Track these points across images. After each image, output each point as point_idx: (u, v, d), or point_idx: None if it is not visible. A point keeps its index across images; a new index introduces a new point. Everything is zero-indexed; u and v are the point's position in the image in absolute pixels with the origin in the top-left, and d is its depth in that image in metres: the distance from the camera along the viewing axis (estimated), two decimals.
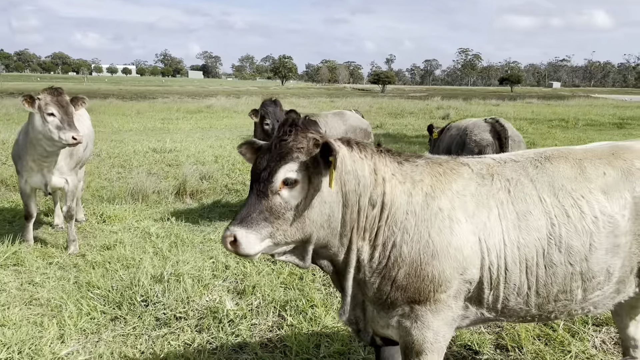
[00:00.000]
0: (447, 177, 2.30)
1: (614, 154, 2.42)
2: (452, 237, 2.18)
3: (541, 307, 2.34)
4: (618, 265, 2.29)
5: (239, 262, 5.10)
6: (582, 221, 2.24)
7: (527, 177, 2.32)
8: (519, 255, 2.22)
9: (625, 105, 38.67)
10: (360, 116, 7.80)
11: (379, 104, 34.21)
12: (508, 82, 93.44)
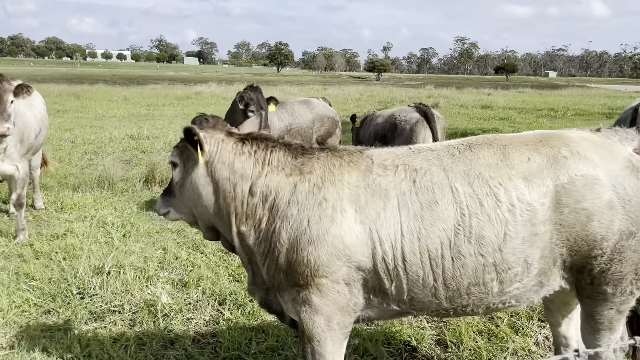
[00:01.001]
0: (341, 169, 2.32)
1: (542, 140, 2.31)
2: (332, 225, 2.20)
3: (453, 300, 2.26)
4: (537, 255, 2.19)
5: (190, 254, 4.98)
6: (497, 210, 2.15)
7: (439, 166, 2.26)
8: (420, 247, 2.17)
9: (618, 95, 38.56)
10: (328, 104, 7.62)
11: (370, 92, 33.97)
12: (504, 71, 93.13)
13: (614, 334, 2.35)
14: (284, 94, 31.22)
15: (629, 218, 2.16)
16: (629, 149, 2.33)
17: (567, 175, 2.17)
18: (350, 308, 2.30)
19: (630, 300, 2.30)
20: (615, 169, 2.19)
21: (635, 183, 2.19)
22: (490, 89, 43.46)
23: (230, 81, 52.05)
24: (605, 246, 2.18)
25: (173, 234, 5.62)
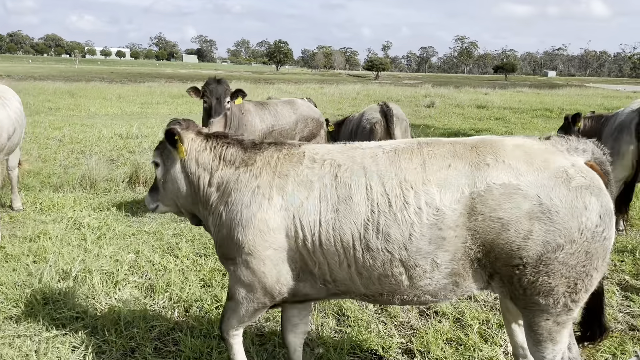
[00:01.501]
0: (277, 161, 2.58)
1: (474, 147, 2.33)
2: (259, 210, 2.48)
3: (368, 287, 2.44)
4: (447, 257, 2.25)
5: (164, 257, 4.90)
6: (404, 211, 2.25)
7: (361, 164, 2.40)
8: (334, 236, 2.35)
9: (616, 95, 38.44)
10: (312, 105, 7.53)
11: (367, 91, 33.82)
12: (502, 70, 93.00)
13: (557, 345, 2.32)
14: (280, 92, 31.12)
15: (555, 230, 2.12)
16: (577, 160, 2.25)
17: (485, 183, 2.18)
18: (270, 285, 2.55)
19: (568, 313, 2.25)
20: (543, 178, 2.16)
21: (564, 194, 2.13)
22: (488, 89, 43.36)
23: (227, 79, 51.98)
24: (525, 256, 2.16)
25: (149, 236, 5.54)
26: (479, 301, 4.14)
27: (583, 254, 2.15)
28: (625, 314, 4.02)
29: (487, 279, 2.32)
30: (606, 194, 2.21)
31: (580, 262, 2.16)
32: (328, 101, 27.35)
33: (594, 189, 2.17)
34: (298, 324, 2.93)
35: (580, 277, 2.18)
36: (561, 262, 2.14)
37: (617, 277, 4.77)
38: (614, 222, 2.23)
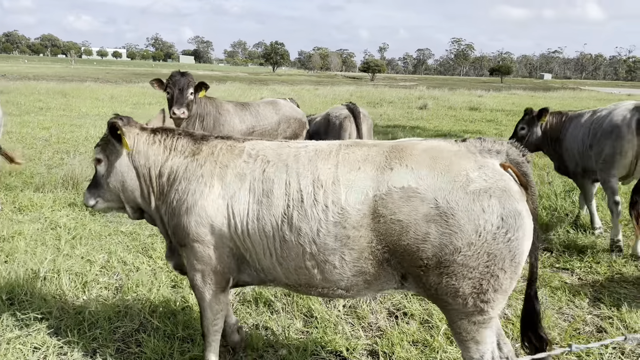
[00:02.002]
0: (220, 152, 2.74)
1: (387, 150, 2.42)
2: (200, 198, 2.64)
3: (288, 276, 2.58)
4: (354, 256, 2.35)
5: (137, 258, 4.87)
6: (313, 208, 2.38)
7: (285, 162, 2.55)
8: (257, 226, 2.52)
9: (610, 98, 38.54)
10: (295, 105, 7.51)
11: (360, 93, 33.85)
12: (498, 72, 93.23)
13: (481, 345, 2.34)
14: (274, 93, 31.11)
15: (451, 232, 2.16)
16: (488, 162, 2.29)
17: (387, 187, 2.27)
18: (220, 269, 2.71)
19: (482, 313, 2.27)
20: (441, 182, 2.21)
21: (461, 197, 2.18)
22: (483, 91, 43.41)
23: (223, 80, 51.97)
24: (425, 257, 2.22)
25: (125, 236, 5.50)
26: None
27: (484, 255, 2.17)
28: (595, 315, 4.02)
29: (399, 279, 2.40)
30: (512, 196, 2.21)
31: (483, 263, 2.17)
32: (321, 102, 27.34)
33: (495, 191, 2.19)
34: None
35: (485, 278, 2.19)
36: (461, 263, 2.18)
37: (592, 278, 4.76)
38: (524, 222, 2.22)
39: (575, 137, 5.98)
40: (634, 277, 4.73)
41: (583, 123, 5.92)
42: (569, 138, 6.10)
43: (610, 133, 5.43)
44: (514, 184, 2.27)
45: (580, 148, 5.91)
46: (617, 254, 5.29)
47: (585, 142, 5.81)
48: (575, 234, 5.86)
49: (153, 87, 6.16)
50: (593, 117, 5.83)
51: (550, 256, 5.31)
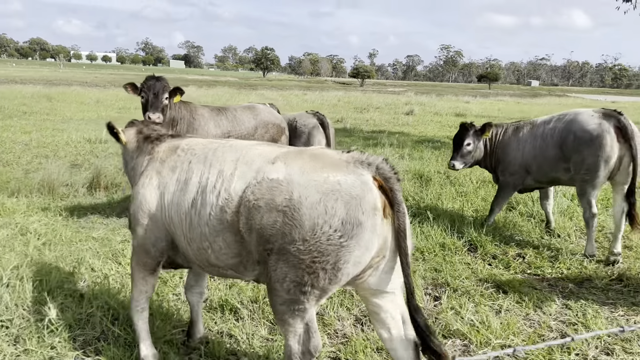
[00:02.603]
0: (162, 148, 3.16)
1: (285, 151, 2.66)
2: (144, 188, 3.03)
3: (196, 257, 2.87)
4: (232, 237, 2.62)
5: (106, 264, 4.81)
6: (211, 194, 2.66)
7: (206, 155, 2.86)
8: (177, 211, 2.83)
9: (595, 105, 39.01)
10: (275, 110, 7.49)
11: (348, 98, 33.94)
12: (486, 79, 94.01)
13: (293, 330, 2.54)
14: (262, 98, 31.07)
15: (293, 225, 2.37)
16: (359, 172, 2.43)
17: (261, 177, 2.53)
18: (153, 253, 3.03)
19: (299, 303, 2.46)
20: (303, 179, 2.42)
21: (311, 194, 2.36)
22: (470, 97, 43.77)
23: (212, 84, 51.85)
24: (271, 242, 2.45)
25: (96, 242, 5.44)
26: None
27: (314, 252, 2.35)
28: (560, 322, 4.03)
29: (260, 261, 2.62)
30: (360, 206, 2.33)
31: (310, 259, 2.36)
32: (309, 107, 27.32)
33: (344, 196, 2.33)
34: (194, 285, 3.51)
35: (308, 273, 2.39)
36: (293, 254, 2.38)
37: (561, 284, 4.78)
38: (362, 234, 2.34)
39: (525, 148, 6.00)
40: (602, 284, 4.76)
41: (537, 133, 5.91)
42: (514, 149, 6.12)
43: (591, 141, 5.34)
44: (372, 197, 2.37)
45: (537, 159, 5.89)
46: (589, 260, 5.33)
47: (546, 152, 5.78)
48: (549, 240, 5.89)
49: (127, 91, 6.13)
50: (550, 126, 5.81)
51: (522, 262, 5.33)
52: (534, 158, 5.93)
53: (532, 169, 5.99)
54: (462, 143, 6.31)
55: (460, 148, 6.33)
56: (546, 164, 5.82)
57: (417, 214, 6.78)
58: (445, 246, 5.61)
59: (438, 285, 4.61)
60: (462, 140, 6.31)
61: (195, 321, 3.57)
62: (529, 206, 7.30)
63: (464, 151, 6.33)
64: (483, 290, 4.50)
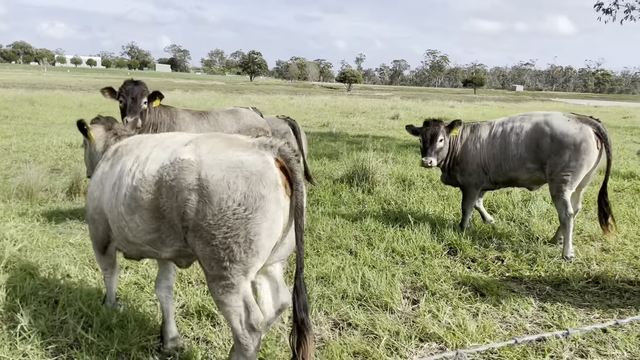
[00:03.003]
0: (117, 143, 3.52)
1: (200, 136, 2.90)
2: (94, 178, 3.38)
3: (117, 237, 3.21)
4: (148, 215, 2.84)
5: (83, 270, 4.74)
6: (127, 176, 2.96)
7: (133, 147, 3.17)
8: (109, 196, 3.14)
9: (577, 109, 39.52)
10: (258, 114, 7.47)
11: (335, 103, 34.02)
12: (472, 84, 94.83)
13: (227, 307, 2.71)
14: (249, 102, 31.01)
15: (204, 202, 2.58)
16: (263, 153, 2.68)
17: (174, 158, 2.74)
18: (97, 238, 3.45)
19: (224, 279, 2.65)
20: (209, 159, 2.64)
21: (216, 173, 2.60)
22: (455, 102, 44.13)
23: (199, 88, 51.58)
24: (187, 219, 2.64)
25: (74, 248, 5.37)
26: (394, 312, 4.13)
27: (225, 227, 2.55)
28: (536, 324, 4.06)
29: (183, 239, 2.78)
30: (262, 182, 2.58)
31: (222, 234, 2.56)
32: (295, 112, 27.36)
33: (245, 173, 2.58)
34: (161, 279, 3.54)
35: (223, 248, 2.58)
36: (207, 230, 2.58)
37: (539, 287, 4.83)
38: (266, 207, 2.58)
39: (484, 147, 6.10)
40: (579, 286, 4.81)
41: (497, 133, 6.06)
42: (472, 148, 6.17)
43: (574, 145, 5.47)
44: (272, 174, 2.62)
45: (497, 158, 6.01)
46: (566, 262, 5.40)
47: (508, 151, 5.92)
48: (528, 243, 5.94)
49: (104, 95, 6.07)
50: (511, 126, 5.97)
51: (501, 265, 5.37)
52: (492, 157, 6.05)
53: (490, 168, 6.09)
54: (435, 138, 6.10)
55: (434, 143, 6.12)
56: (507, 164, 5.97)
57: (398, 217, 6.81)
58: (425, 249, 5.64)
59: (417, 289, 4.63)
60: (436, 135, 6.10)
61: (167, 320, 3.48)
62: (509, 209, 7.37)
63: (437, 147, 6.14)
64: (461, 294, 4.52)
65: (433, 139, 6.11)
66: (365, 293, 4.33)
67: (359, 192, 8.24)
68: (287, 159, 2.68)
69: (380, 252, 5.54)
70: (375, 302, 4.23)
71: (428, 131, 6.16)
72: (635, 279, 5.02)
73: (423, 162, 6.15)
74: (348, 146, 14.07)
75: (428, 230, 6.13)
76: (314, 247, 5.66)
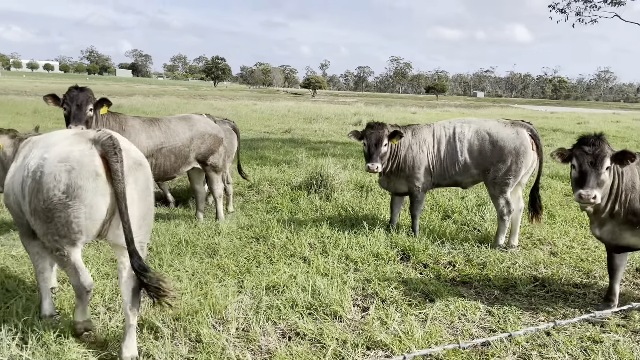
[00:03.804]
0: (21, 146, 3.79)
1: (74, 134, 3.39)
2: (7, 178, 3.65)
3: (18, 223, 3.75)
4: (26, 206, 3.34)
5: (19, 284, 4.54)
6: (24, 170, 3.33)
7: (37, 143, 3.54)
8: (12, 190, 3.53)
9: (533, 115, 40.76)
10: (211, 121, 7.36)
11: (298, 109, 34.00)
12: (434, 90, 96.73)
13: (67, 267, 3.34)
14: (210, 108, 30.63)
15: (39, 189, 3.14)
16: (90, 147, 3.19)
17: (43, 156, 3.23)
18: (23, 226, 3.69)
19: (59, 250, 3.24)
20: (50, 156, 3.18)
21: (48, 166, 3.14)
22: (417, 108, 44.86)
23: (160, 94, 50.67)
24: (30, 204, 3.23)
25: (15, 260, 5.14)
26: (343, 320, 4.11)
27: (52, 210, 3.11)
28: (482, 328, 4.12)
29: None
30: (81, 173, 3.09)
31: (52, 215, 3.13)
32: (258, 118, 27.20)
33: (68, 166, 3.10)
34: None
35: (53, 227, 3.17)
36: (41, 212, 3.15)
37: (488, 291, 4.90)
38: (84, 195, 3.09)
39: (429, 151, 6.20)
40: (526, 290, 4.91)
41: (440, 137, 6.21)
42: (417, 152, 6.17)
43: (515, 149, 5.88)
44: (93, 165, 3.11)
45: (444, 163, 6.18)
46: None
47: (455, 157, 6.12)
48: (479, 248, 6.03)
49: (47, 103, 5.87)
50: (453, 131, 6.20)
51: (452, 270, 5.43)
52: (439, 162, 6.21)
53: (436, 172, 6.24)
54: (380, 143, 5.92)
55: (379, 148, 5.93)
56: (453, 169, 6.19)
57: (355, 224, 6.82)
58: (378, 256, 5.65)
59: (367, 296, 4.63)
60: (381, 139, 5.92)
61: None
62: (463, 214, 7.48)
63: (382, 152, 5.96)
64: (411, 300, 4.54)
65: (378, 144, 5.93)
66: (316, 302, 4.30)
67: (317, 199, 8.22)
68: (107, 151, 3.12)
69: (334, 259, 5.53)
70: (325, 310, 4.20)
71: (372, 135, 5.95)
72: (580, 281, 5.17)
73: (369, 168, 5.92)
74: (309, 152, 14.07)
75: (382, 237, 6.15)
76: (267, 255, 5.60)
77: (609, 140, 4.09)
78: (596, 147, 3.85)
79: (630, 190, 4.02)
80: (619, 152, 3.90)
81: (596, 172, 3.80)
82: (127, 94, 43.37)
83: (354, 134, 6.19)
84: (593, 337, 3.93)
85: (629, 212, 4.02)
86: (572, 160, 3.96)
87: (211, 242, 5.93)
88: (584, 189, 3.78)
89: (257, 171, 10.36)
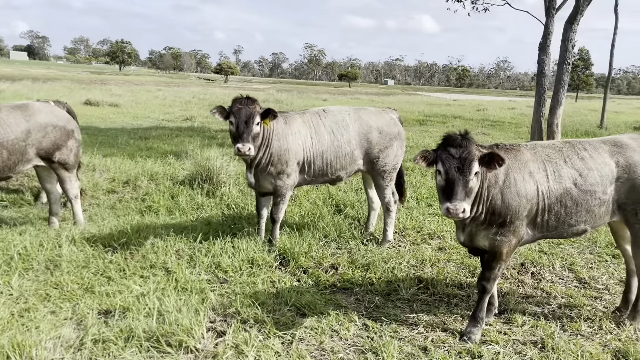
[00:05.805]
0: None
1: None
2: None
3: None
4: None
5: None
6: None
7: None
8: None
9: (438, 102, 42.25)
10: (62, 109, 6.27)
11: (204, 95, 32.58)
12: (347, 78, 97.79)
13: None
14: (109, 94, 28.44)
15: None
16: None
17: None
18: None
19: None
20: None
21: None
22: (329, 95, 44.80)
23: (57, 79, 46.37)
24: None
25: None
26: (191, 351, 3.41)
27: None
28: (353, 350, 3.60)
29: None
30: None
31: None
32: (159, 105, 25.56)
33: None
34: None
35: None
36: None
37: (369, 298, 4.42)
38: None
39: (306, 143, 5.35)
40: (409, 294, 4.50)
41: (318, 127, 5.44)
42: (297, 145, 5.30)
43: (399, 134, 5.71)
44: None
45: (326, 154, 5.42)
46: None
47: (341, 149, 5.48)
48: (366, 247, 5.57)
49: None
50: (333, 119, 5.54)
51: (334, 274, 4.91)
52: (320, 155, 5.43)
53: (314, 167, 5.43)
54: (252, 120, 4.85)
55: (250, 126, 4.84)
56: (338, 162, 5.52)
57: (237, 223, 6.12)
58: (254, 262, 5.00)
59: (228, 316, 3.95)
60: (253, 116, 4.86)
61: None
62: (356, 208, 7.05)
63: (254, 131, 4.89)
64: (279, 317, 3.92)
65: (248, 121, 4.83)
66: (159, 330, 3.54)
67: (199, 196, 7.41)
68: None
69: (202, 269, 4.80)
70: (170, 340, 3.47)
71: (242, 111, 4.85)
72: (465, 281, 4.85)
73: (239, 150, 4.78)
74: (205, 142, 13.12)
75: (261, 239, 5.51)
76: (121, 268, 4.74)
77: (505, 127, 3.73)
78: (463, 149, 3.29)
79: (493, 186, 3.55)
80: (486, 155, 3.36)
81: (464, 180, 3.24)
82: (16, 79, 39.15)
83: (218, 111, 4.99)
84: (472, 351, 3.55)
85: (490, 211, 3.56)
86: (437, 164, 3.36)
87: (56, 254, 4.97)
88: (451, 203, 3.21)
89: (138, 164, 9.28)
